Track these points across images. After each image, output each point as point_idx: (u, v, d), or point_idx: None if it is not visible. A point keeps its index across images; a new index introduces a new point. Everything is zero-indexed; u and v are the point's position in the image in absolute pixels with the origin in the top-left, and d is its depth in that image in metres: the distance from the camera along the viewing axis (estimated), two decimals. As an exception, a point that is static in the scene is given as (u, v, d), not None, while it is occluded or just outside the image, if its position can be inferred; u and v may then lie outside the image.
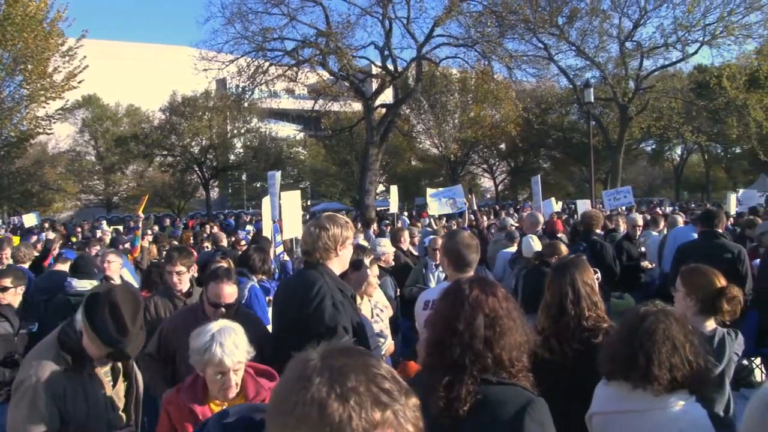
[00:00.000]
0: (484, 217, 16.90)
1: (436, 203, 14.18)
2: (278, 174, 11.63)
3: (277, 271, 9.37)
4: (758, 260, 7.13)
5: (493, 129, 41.70)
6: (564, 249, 5.75)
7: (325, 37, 25.89)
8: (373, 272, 4.84)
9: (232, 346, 3.04)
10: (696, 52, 33.57)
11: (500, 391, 2.20)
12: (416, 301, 4.38)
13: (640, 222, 10.37)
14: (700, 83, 36.29)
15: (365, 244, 7.56)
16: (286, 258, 10.51)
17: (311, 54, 26.52)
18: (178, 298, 5.27)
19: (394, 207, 16.55)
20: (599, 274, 6.52)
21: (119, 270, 6.67)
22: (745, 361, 7.48)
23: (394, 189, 16.80)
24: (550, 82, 39.97)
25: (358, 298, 4.57)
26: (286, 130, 54.40)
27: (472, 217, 13.94)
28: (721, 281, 3.68)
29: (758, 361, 7.73)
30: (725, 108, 34.22)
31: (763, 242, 8.42)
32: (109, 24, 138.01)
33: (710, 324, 3.65)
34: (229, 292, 4.25)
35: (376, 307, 5.05)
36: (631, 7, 33.08)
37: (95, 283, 5.97)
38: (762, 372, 7.76)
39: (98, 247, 10.36)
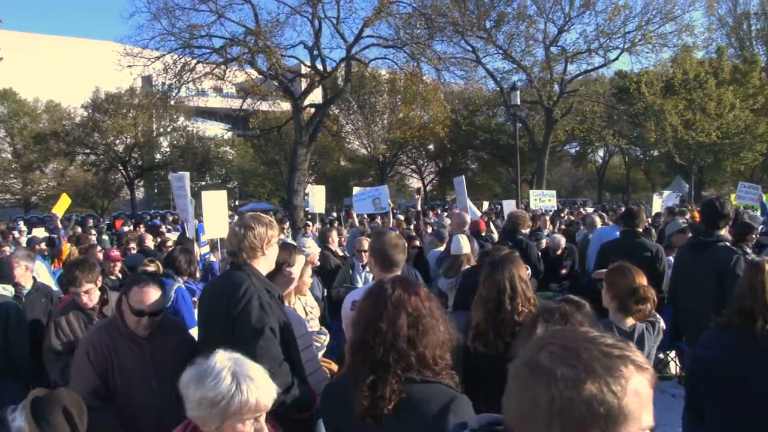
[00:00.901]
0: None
1: (361, 202, 14.19)
2: (187, 175, 11.37)
3: (201, 272, 9.20)
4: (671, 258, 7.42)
5: (422, 130, 42.05)
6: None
7: (253, 36, 25.50)
8: (306, 273, 4.78)
9: (261, 379, 2.34)
10: (617, 59, 34.82)
11: (424, 390, 2.21)
12: (343, 301, 4.37)
13: (562, 245, 10.51)
14: (620, 88, 37.57)
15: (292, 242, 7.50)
16: (213, 258, 10.34)
17: (240, 52, 26.03)
18: (92, 309, 4.93)
19: (318, 207, 16.49)
20: (530, 271, 6.69)
21: (25, 274, 6.24)
22: (661, 355, 7.81)
23: (314, 188, 16.73)
24: (478, 85, 40.65)
25: (292, 298, 4.53)
26: (214, 129, 53.55)
27: (401, 217, 13.95)
28: (639, 281, 3.81)
29: (673, 354, 8.06)
30: (644, 113, 35.55)
31: (672, 242, 8.77)
32: (27, 15, 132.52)
33: (629, 320, 3.78)
34: (155, 297, 3.84)
35: (307, 305, 5.02)
36: (556, 13, 34.02)
37: (9, 287, 5.71)
38: (677, 365, 8.09)
39: (7, 249, 9.92)
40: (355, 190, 14.99)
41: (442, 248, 8.78)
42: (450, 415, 2.14)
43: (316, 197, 16.43)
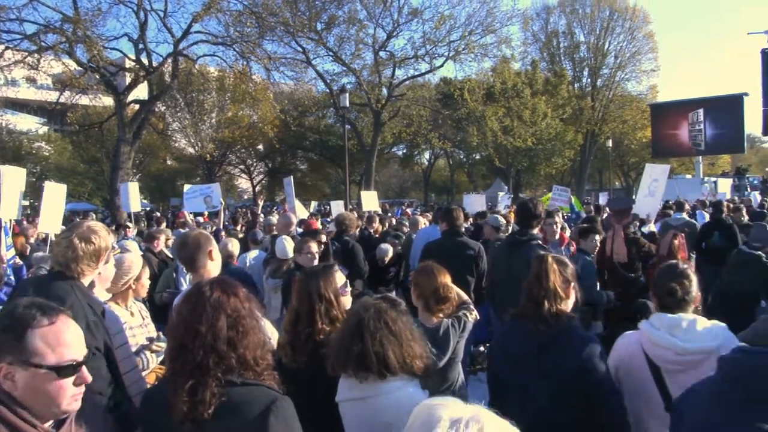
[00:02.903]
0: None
1: (192, 200, 13.80)
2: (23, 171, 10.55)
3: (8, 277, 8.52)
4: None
5: (251, 129, 41.66)
6: (314, 245, 5.92)
7: (72, 24, 23.92)
8: (144, 274, 4.55)
9: None
10: (442, 66, 36.49)
11: (244, 392, 2.19)
12: (168, 306, 4.24)
13: (390, 254, 10.33)
14: (445, 94, 39.34)
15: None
16: (19, 262, 9.62)
17: (56, 41, 24.32)
18: None
19: (134, 206, 15.65)
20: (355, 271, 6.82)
21: None
22: (481, 348, 8.26)
23: (128, 186, 15.82)
24: (308, 86, 40.79)
25: (129, 301, 4.32)
26: (27, 122, 49.83)
27: (230, 218, 13.65)
28: (441, 281, 3.99)
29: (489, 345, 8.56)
30: (467, 118, 37.46)
31: (490, 239, 9.29)
32: None
33: (434, 318, 3.96)
34: (78, 332, 2.03)
35: (143, 310, 4.81)
36: (386, 19, 34.99)
37: None
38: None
39: None
40: (186, 187, 14.52)
41: (256, 251, 8.71)
42: (271, 417, 2.12)
43: (130, 195, 15.48)
